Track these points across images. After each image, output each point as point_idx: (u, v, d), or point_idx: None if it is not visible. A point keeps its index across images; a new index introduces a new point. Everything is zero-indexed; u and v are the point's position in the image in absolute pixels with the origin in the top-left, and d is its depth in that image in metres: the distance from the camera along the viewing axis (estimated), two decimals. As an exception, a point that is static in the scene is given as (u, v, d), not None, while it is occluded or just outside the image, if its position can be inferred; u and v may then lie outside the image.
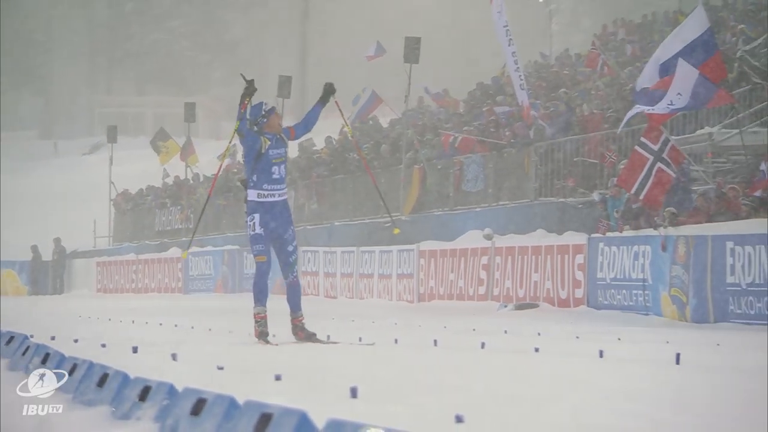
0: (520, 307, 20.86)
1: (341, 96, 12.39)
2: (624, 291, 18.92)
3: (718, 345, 12.05)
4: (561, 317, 18.89)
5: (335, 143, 34.51)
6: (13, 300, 33.09)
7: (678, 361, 9.04)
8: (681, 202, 18.50)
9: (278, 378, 7.16)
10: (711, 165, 21.16)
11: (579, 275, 20.14)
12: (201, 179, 40.10)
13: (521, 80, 25.50)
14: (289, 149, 12.15)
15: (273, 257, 11.99)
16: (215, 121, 71.22)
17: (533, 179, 25.07)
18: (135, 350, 9.72)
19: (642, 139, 18.49)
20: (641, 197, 18.46)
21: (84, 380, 6.18)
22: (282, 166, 11.81)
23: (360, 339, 12.10)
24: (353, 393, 6.19)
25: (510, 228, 24.25)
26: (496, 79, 33.98)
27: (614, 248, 19.26)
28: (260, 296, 11.78)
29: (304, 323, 11.95)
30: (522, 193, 25.50)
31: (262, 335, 11.68)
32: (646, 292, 18.30)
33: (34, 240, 42.34)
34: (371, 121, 35.44)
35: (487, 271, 22.72)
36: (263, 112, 11.76)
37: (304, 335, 11.86)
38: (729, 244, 16.05)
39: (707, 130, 21.45)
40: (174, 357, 8.92)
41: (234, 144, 14.08)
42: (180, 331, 14.40)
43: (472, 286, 23.16)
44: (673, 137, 19.56)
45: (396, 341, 12.04)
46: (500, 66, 34.22)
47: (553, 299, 20.69)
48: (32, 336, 9.19)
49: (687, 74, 17.46)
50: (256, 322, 11.77)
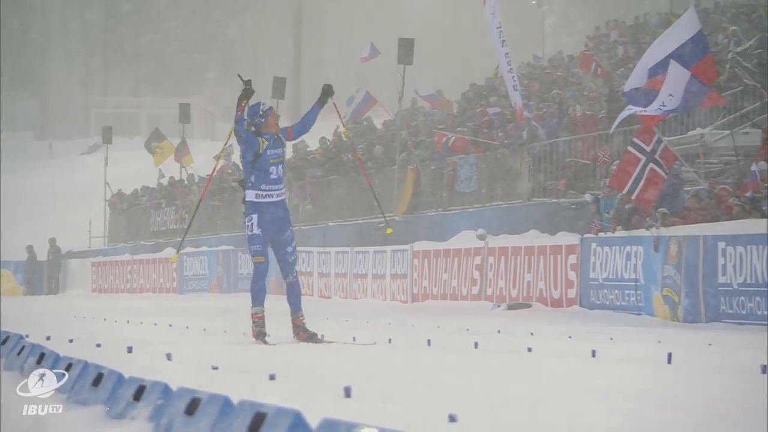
0: (513, 307, 20.88)
1: (335, 97, 12.43)
2: (616, 291, 18.96)
3: (710, 345, 12.07)
4: (554, 317, 18.90)
5: (329, 144, 34.54)
6: (9, 300, 33.05)
7: (670, 361, 9.07)
8: (673, 203, 18.54)
9: (272, 378, 7.18)
10: (703, 166, 21.23)
11: (572, 275, 20.17)
12: (196, 180, 40.12)
13: (514, 81, 25.55)
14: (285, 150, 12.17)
15: (271, 257, 12.01)
16: (210, 122, 71.23)
17: (526, 180, 25.13)
18: (130, 350, 9.74)
19: (635, 140, 18.49)
20: (633, 197, 18.50)
21: (79, 380, 6.17)
22: (280, 167, 11.79)
23: (354, 339, 12.12)
24: (347, 392, 6.19)
25: (503, 228, 24.29)
26: (490, 81, 34.00)
27: (606, 248, 19.30)
28: (258, 297, 11.77)
29: (305, 323, 11.93)
30: (515, 194, 25.55)
31: (260, 335, 11.66)
32: (639, 292, 18.34)
33: (29, 240, 42.29)
34: (365, 122, 35.46)
35: (481, 271, 22.75)
36: (261, 113, 11.75)
37: (306, 336, 11.82)
38: (720, 245, 16.09)
39: (699, 131, 21.52)
40: (169, 357, 8.96)
41: (230, 144, 14.12)
42: (175, 331, 14.41)
43: (466, 286, 23.19)
44: (665, 138, 19.60)
45: (390, 341, 12.04)
46: (493, 67, 34.24)
47: (546, 299, 20.73)
48: (27, 336, 9.22)
49: (679, 76, 17.50)
50: (254, 323, 11.75)
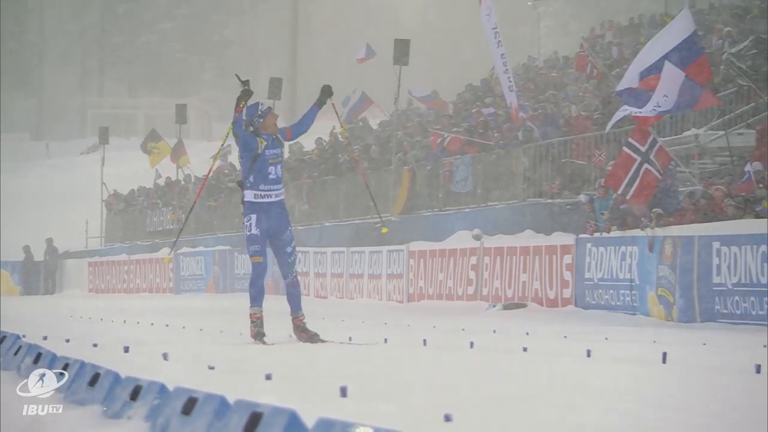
0: (509, 307, 20.90)
1: (332, 97, 12.43)
2: (611, 291, 18.99)
3: (705, 344, 12.11)
4: (549, 317, 18.93)
5: (325, 144, 34.53)
6: (6, 300, 33.04)
7: (665, 361, 9.10)
8: (668, 203, 18.58)
9: (269, 377, 7.19)
10: (697, 166, 21.27)
11: (567, 275, 20.21)
12: (192, 180, 40.12)
13: (510, 82, 25.55)
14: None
15: (269, 257, 12.02)
16: (206, 123, 71.16)
17: (522, 180, 25.15)
18: (126, 350, 9.76)
19: (630, 140, 18.52)
20: (628, 197, 18.53)
21: (76, 380, 6.18)
22: (278, 167, 11.79)
23: (350, 339, 12.14)
24: (343, 392, 6.21)
25: (498, 228, 24.32)
26: (485, 81, 34.01)
27: (602, 249, 19.33)
28: (256, 297, 11.77)
29: (306, 323, 11.92)
30: (510, 194, 25.57)
31: (258, 335, 11.65)
32: (634, 292, 18.38)
33: (26, 240, 42.26)
34: (361, 123, 35.46)
35: (476, 272, 22.78)
36: (259, 113, 11.74)
37: (307, 336, 11.81)
38: (715, 245, 16.13)
39: (693, 132, 21.55)
40: (165, 357, 8.98)
41: (228, 145, 14.14)
42: (171, 331, 14.42)
43: (461, 286, 23.22)
44: (660, 139, 19.64)
45: (386, 341, 12.07)
46: (489, 68, 34.25)
47: (542, 299, 20.76)
48: (24, 336, 9.24)
49: (673, 76, 17.52)
50: (252, 323, 11.74)
